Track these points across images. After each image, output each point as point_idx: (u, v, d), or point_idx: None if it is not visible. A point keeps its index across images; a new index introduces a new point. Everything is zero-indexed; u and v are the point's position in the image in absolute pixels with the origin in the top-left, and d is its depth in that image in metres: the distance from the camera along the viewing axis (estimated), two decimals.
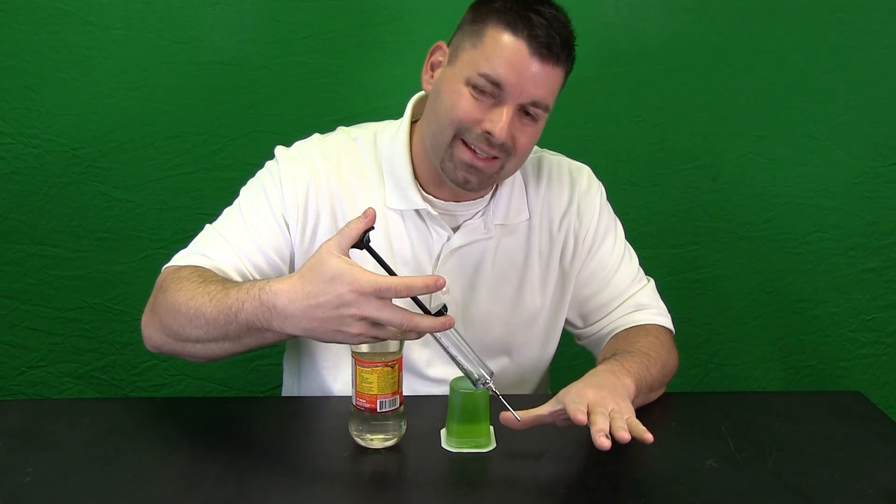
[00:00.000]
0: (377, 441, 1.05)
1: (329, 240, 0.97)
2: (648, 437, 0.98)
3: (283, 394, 1.41)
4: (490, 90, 1.10)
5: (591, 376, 1.09)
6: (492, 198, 1.26)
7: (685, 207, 1.77)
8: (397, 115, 1.26)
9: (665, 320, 1.32)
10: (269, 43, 1.64)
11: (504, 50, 1.09)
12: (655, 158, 1.74)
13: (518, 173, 1.27)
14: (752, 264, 1.80)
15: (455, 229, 1.24)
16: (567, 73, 1.16)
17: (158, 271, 1.68)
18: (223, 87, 1.65)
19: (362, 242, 0.98)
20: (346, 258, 0.95)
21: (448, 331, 0.98)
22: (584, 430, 1.12)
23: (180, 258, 1.20)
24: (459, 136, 1.13)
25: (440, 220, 1.22)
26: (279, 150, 1.26)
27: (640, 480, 1.02)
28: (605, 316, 1.32)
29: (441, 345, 1.01)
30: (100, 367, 1.75)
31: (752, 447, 1.08)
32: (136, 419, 1.14)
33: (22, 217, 1.67)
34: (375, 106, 1.66)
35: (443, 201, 1.23)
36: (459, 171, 1.15)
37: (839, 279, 1.81)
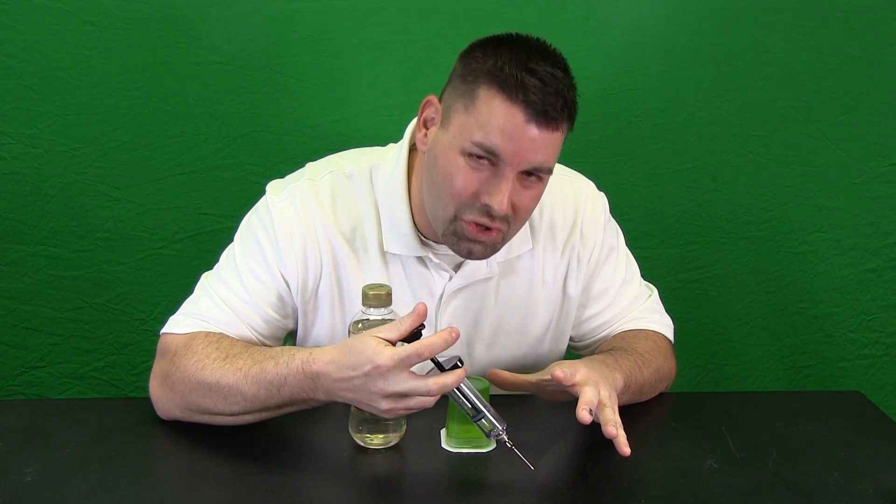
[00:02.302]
0: (377, 441, 1.05)
1: (380, 327, 0.97)
2: (626, 451, 0.98)
3: None
4: (486, 157, 1.04)
5: (584, 361, 1.11)
6: None
7: (685, 207, 1.77)
8: (396, 115, 1.26)
9: (665, 329, 1.31)
10: (269, 43, 1.64)
11: (498, 117, 1.02)
12: (655, 158, 1.74)
13: None
14: (752, 264, 1.80)
15: (456, 268, 1.21)
16: (569, 130, 1.09)
17: (158, 271, 1.70)
18: (223, 87, 1.65)
19: (414, 337, 0.97)
20: (380, 339, 0.95)
21: (463, 384, 0.98)
22: (584, 430, 1.12)
23: (180, 324, 1.16)
24: (460, 214, 1.08)
25: (441, 263, 1.20)
26: (271, 198, 1.19)
27: (640, 480, 1.02)
28: (605, 331, 1.31)
29: (457, 401, 0.99)
30: (99, 367, 1.75)
31: (752, 447, 1.08)
32: (136, 419, 1.14)
33: (22, 217, 1.67)
34: (375, 106, 1.66)
35: (444, 246, 1.18)
36: (462, 244, 1.10)
37: (839, 279, 1.81)
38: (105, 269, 1.70)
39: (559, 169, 1.31)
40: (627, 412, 1.16)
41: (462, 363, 0.97)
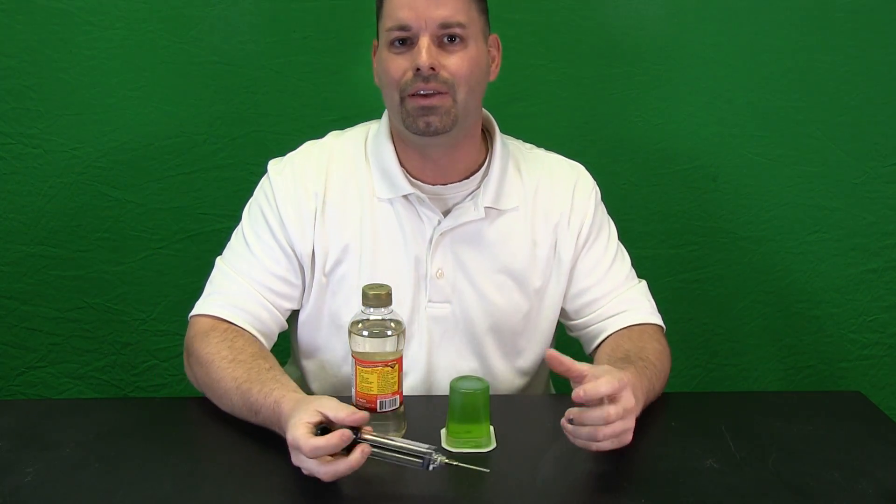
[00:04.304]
0: None
1: (328, 401, 0.99)
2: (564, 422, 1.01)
3: None
4: (403, 36, 1.17)
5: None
6: (481, 182, 1.27)
7: (685, 207, 1.77)
8: None
9: (659, 319, 1.33)
10: (269, 43, 1.64)
11: (395, 2, 1.18)
12: (655, 158, 1.74)
13: (510, 163, 1.30)
14: (752, 264, 1.80)
15: (446, 213, 1.26)
16: None
17: (158, 271, 1.71)
18: (223, 87, 1.65)
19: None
20: (307, 421, 0.96)
21: (370, 438, 0.97)
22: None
23: (203, 305, 1.24)
24: (404, 95, 1.19)
25: (430, 204, 1.24)
26: (271, 168, 1.29)
27: (640, 480, 1.02)
28: (597, 310, 1.32)
29: (377, 456, 0.98)
30: (100, 367, 1.75)
31: (752, 447, 1.08)
32: (136, 419, 1.15)
33: (22, 217, 1.67)
34: (375, 106, 1.64)
35: (430, 185, 1.25)
36: (418, 119, 1.19)
37: (839, 280, 1.81)
38: (105, 269, 1.70)
39: (552, 153, 1.38)
40: None
41: (358, 433, 0.96)
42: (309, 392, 1.30)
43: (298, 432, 0.95)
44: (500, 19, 1.63)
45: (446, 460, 0.96)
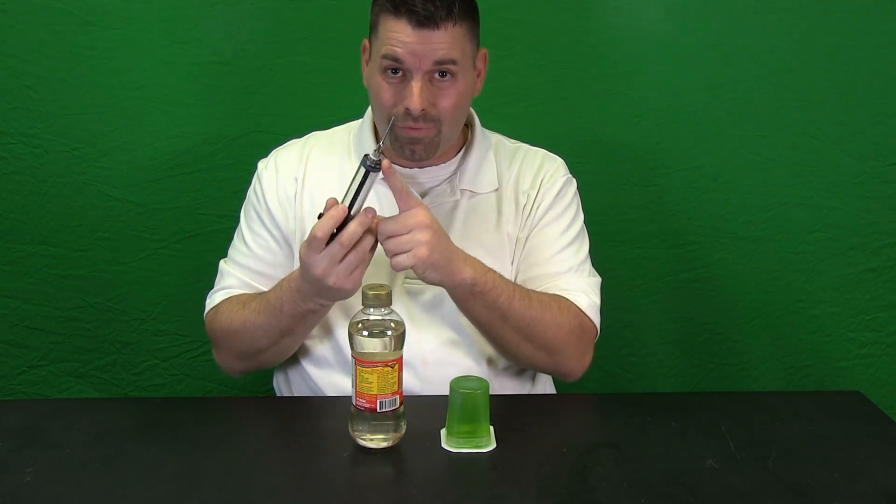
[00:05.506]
0: (377, 441, 1.05)
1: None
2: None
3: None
4: (396, 66, 1.18)
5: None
6: (458, 166, 1.31)
7: (685, 207, 1.77)
8: None
9: (587, 307, 1.28)
10: (269, 43, 1.64)
11: (391, 32, 1.17)
12: (655, 158, 1.74)
13: (491, 152, 1.34)
14: (752, 264, 1.80)
15: (423, 195, 1.30)
16: (470, 25, 1.21)
17: (158, 271, 1.71)
18: (223, 87, 1.65)
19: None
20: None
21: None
22: (584, 430, 1.13)
23: (209, 303, 1.34)
24: (394, 124, 1.22)
25: (408, 186, 1.27)
26: (259, 165, 1.36)
27: (640, 480, 1.02)
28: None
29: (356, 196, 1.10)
30: (100, 366, 1.75)
31: (752, 447, 1.08)
32: (136, 419, 1.15)
33: (22, 217, 1.67)
34: None
35: (408, 169, 1.30)
36: (405, 147, 1.23)
37: (839, 279, 1.81)
38: (105, 269, 1.70)
39: (541, 149, 1.39)
40: (627, 410, 1.16)
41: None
42: (299, 365, 1.33)
43: (301, 248, 1.10)
44: (501, 19, 1.64)
45: (379, 155, 1.08)
